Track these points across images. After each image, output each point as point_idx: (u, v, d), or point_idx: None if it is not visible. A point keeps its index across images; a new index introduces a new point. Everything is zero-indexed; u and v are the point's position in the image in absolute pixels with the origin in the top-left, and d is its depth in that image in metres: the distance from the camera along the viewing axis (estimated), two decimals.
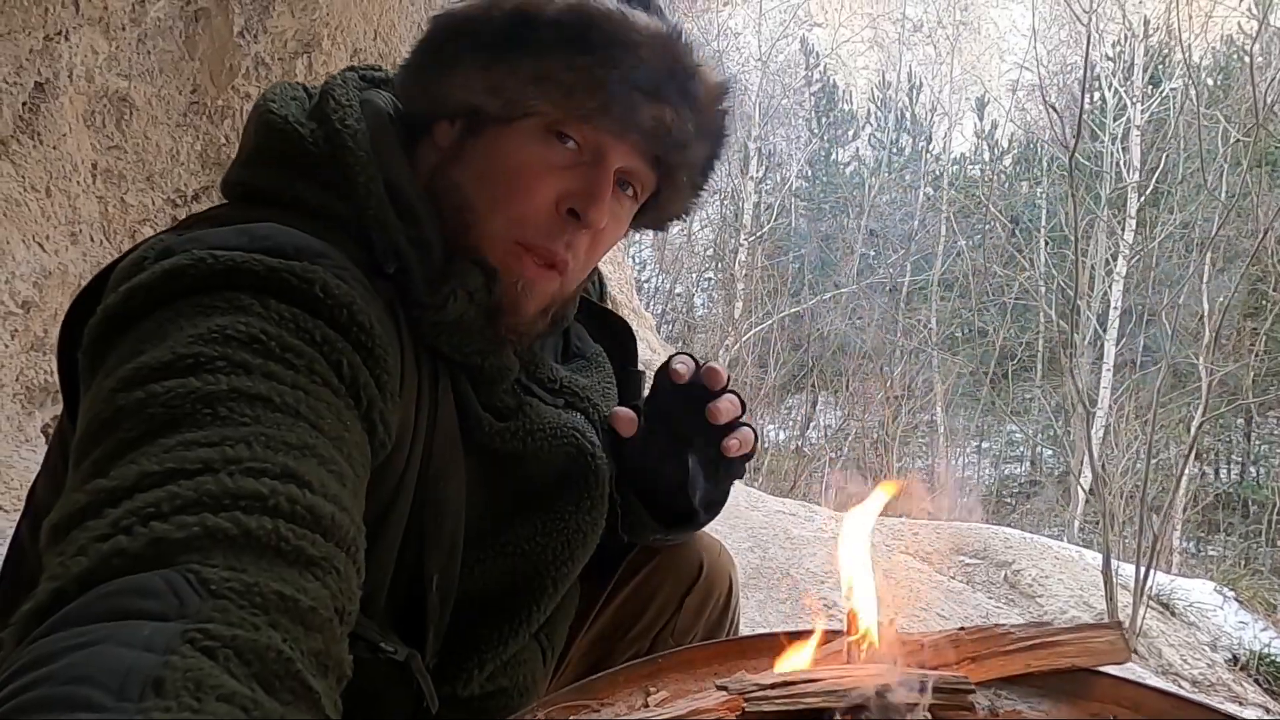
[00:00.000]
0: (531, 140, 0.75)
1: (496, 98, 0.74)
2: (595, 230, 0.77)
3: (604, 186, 0.75)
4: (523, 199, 0.74)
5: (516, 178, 0.74)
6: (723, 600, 1.12)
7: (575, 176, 0.75)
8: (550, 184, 0.75)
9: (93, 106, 2.22)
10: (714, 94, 0.80)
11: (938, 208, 16.36)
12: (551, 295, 0.79)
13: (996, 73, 18.50)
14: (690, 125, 0.77)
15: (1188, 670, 3.67)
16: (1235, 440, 14.12)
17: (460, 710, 0.83)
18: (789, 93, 17.56)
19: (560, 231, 0.76)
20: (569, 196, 0.75)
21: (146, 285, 0.59)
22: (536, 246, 0.76)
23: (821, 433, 14.47)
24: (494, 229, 0.75)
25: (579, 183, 0.75)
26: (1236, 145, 7.49)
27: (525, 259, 0.76)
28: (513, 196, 0.74)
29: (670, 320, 15.93)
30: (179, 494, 0.46)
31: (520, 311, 0.77)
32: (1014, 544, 4.52)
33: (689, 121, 0.77)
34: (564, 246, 0.76)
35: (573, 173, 0.75)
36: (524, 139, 0.75)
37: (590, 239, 0.78)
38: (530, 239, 0.75)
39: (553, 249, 0.76)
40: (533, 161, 0.74)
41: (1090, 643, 0.68)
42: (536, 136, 0.75)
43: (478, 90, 0.74)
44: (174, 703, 0.36)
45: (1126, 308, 12.35)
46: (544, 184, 0.74)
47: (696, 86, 0.77)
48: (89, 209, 2.26)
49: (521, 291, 0.76)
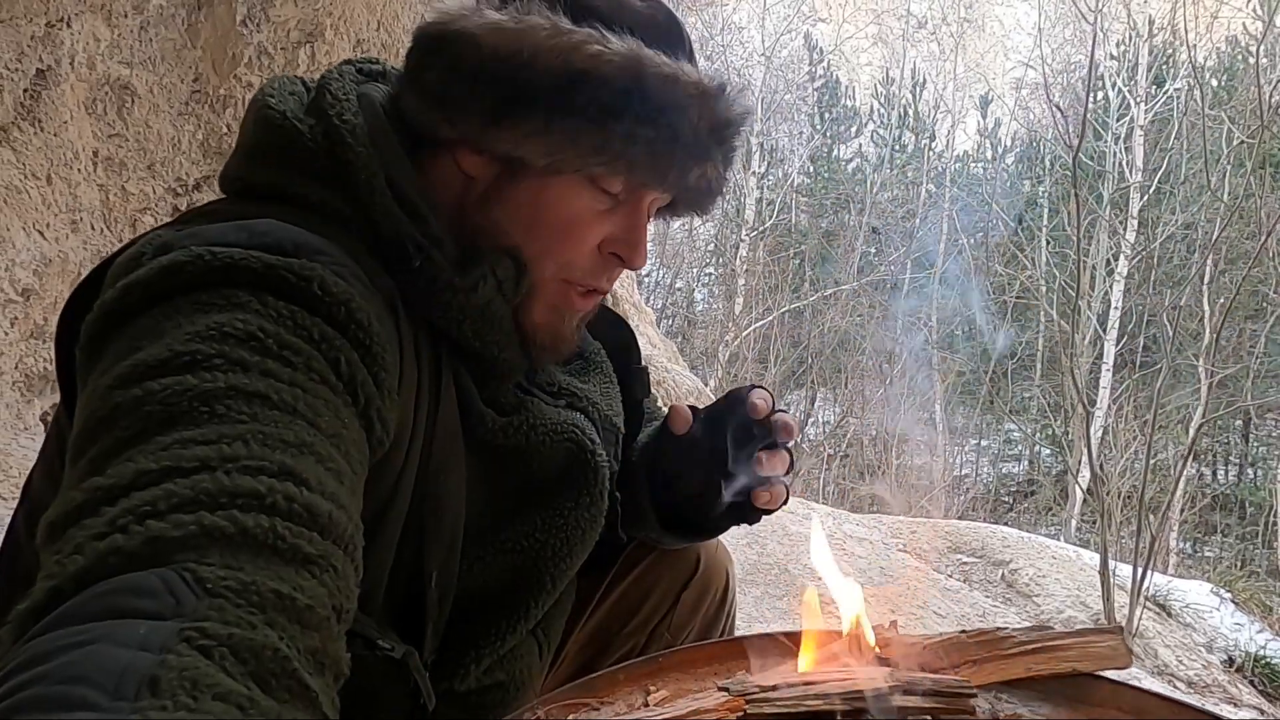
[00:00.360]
0: (578, 193, 0.76)
1: (550, 158, 0.74)
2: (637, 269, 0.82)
3: (643, 231, 0.80)
4: (572, 248, 0.78)
5: (567, 229, 0.77)
6: (719, 596, 1.12)
7: (615, 221, 0.78)
8: (594, 231, 0.78)
9: (94, 94, 2.21)
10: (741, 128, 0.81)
11: (939, 205, 16.34)
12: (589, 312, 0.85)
13: (1001, 71, 18.47)
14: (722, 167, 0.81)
15: (1183, 671, 3.67)
16: (1233, 442, 14.15)
17: (456, 704, 0.82)
18: (792, 88, 17.52)
19: (604, 270, 0.80)
20: (612, 242, 0.79)
21: (144, 281, 0.59)
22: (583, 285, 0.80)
23: (820, 429, 14.48)
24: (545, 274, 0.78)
25: (620, 228, 0.79)
26: (1240, 146, 7.48)
27: (571, 295, 0.80)
28: (562, 246, 0.77)
29: (670, 315, 15.93)
30: (176, 492, 0.46)
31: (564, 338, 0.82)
32: (1012, 543, 4.52)
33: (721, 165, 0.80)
34: (607, 280, 0.81)
35: (613, 216, 0.78)
36: (570, 192, 0.76)
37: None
38: (577, 279, 0.79)
39: (598, 284, 0.81)
40: (579, 213, 0.77)
41: (1091, 647, 0.68)
42: (582, 189, 0.76)
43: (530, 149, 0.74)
44: (169, 701, 0.35)
45: (1127, 308, 12.35)
46: (590, 232, 0.78)
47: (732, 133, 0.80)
48: (90, 197, 2.26)
49: (565, 322, 0.81)
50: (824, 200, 17.77)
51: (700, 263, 17.14)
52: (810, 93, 18.15)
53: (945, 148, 18.10)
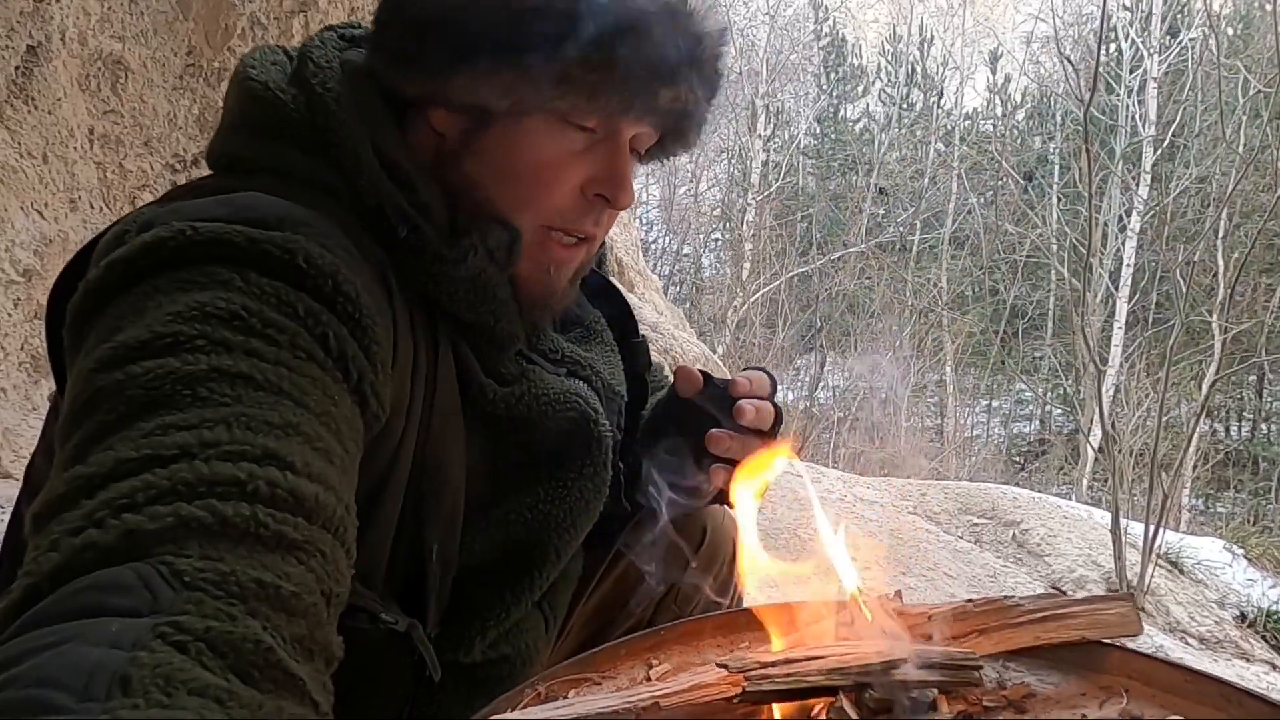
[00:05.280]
0: (549, 133, 0.73)
1: (509, 98, 0.71)
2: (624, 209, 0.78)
3: (626, 167, 0.75)
4: (550, 193, 0.74)
5: (541, 174, 0.74)
6: (726, 567, 1.12)
7: (595, 160, 0.75)
8: (573, 172, 0.74)
9: (87, 70, 2.18)
10: (714, 48, 0.78)
11: (949, 164, 16.13)
12: (580, 265, 0.81)
13: (1010, 25, 18.09)
14: (699, 91, 0.77)
15: (1195, 628, 3.68)
16: (1247, 397, 14.07)
17: (462, 677, 0.82)
18: (797, 48, 17.24)
19: (588, 212, 0.77)
20: (594, 182, 0.75)
21: (125, 259, 0.58)
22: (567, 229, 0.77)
23: (830, 393, 14.46)
24: (522, 223, 0.75)
25: (600, 167, 0.75)
26: (1256, 97, 7.32)
27: (551, 244, 0.77)
28: (539, 192, 0.74)
29: (678, 282, 15.88)
30: (154, 483, 0.45)
31: (555, 290, 0.79)
32: (1022, 503, 4.52)
33: (698, 89, 0.76)
34: (593, 224, 0.78)
35: (591, 155, 0.75)
36: (541, 133, 0.73)
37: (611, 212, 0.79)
38: (561, 224, 0.76)
39: (583, 229, 0.77)
40: (554, 155, 0.74)
41: (1101, 615, 0.66)
42: (553, 128, 0.73)
43: (488, 93, 0.71)
44: (141, 700, 0.35)
45: (1139, 265, 12.22)
46: (568, 174, 0.74)
47: (703, 52, 0.76)
48: (87, 175, 2.24)
49: (553, 274, 0.78)
50: (831, 162, 17.59)
51: (707, 228, 17.03)
52: (816, 52, 17.87)
53: (954, 105, 17.81)
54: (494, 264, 0.74)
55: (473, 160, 0.74)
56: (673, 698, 0.59)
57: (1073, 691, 0.65)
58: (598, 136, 0.74)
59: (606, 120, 0.74)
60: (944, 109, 17.51)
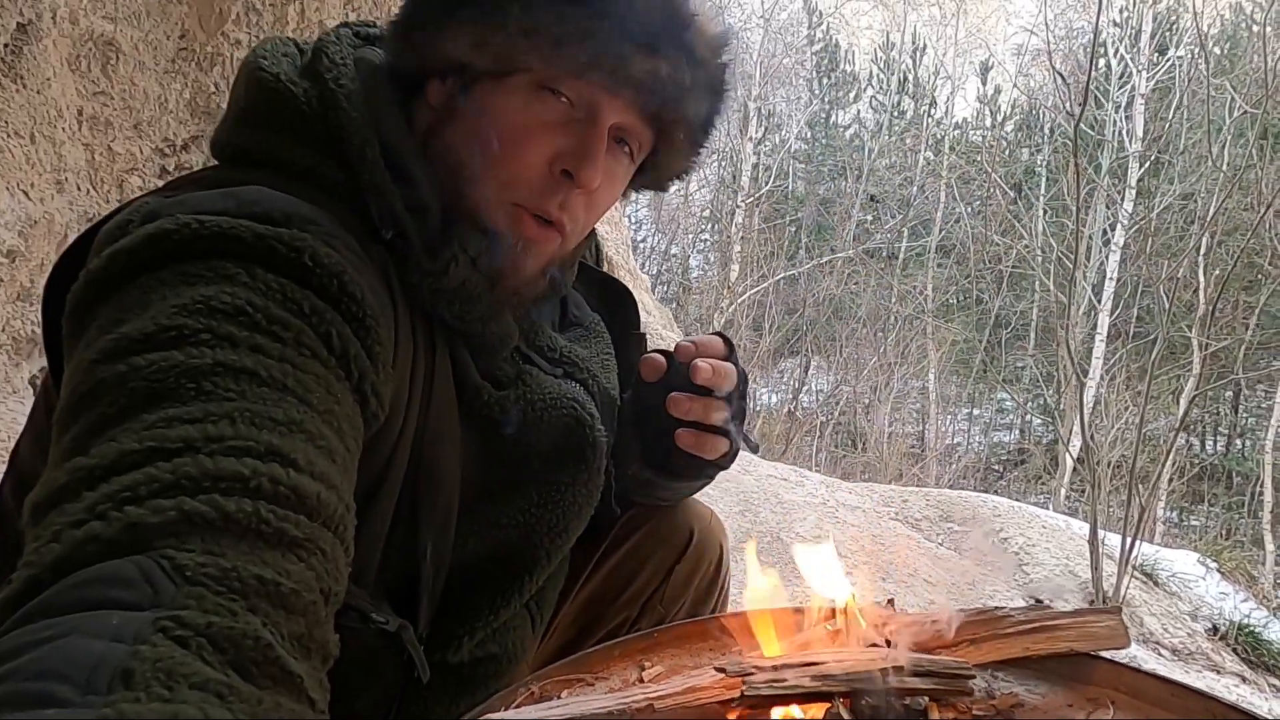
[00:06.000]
0: (523, 97, 0.72)
1: (485, 53, 0.71)
2: (589, 190, 0.74)
3: (597, 145, 0.72)
4: (515, 159, 0.72)
5: (509, 136, 0.71)
6: (713, 568, 1.12)
7: (569, 135, 0.72)
8: (543, 143, 0.72)
9: (77, 50, 2.15)
10: (713, 45, 0.77)
11: (938, 173, 16.24)
12: (551, 255, 0.77)
13: (1002, 36, 18.22)
14: (687, 78, 0.74)
15: (1168, 639, 3.73)
16: (1223, 413, 14.25)
17: (449, 676, 0.82)
18: (790, 51, 17.28)
19: (554, 191, 0.73)
20: (562, 156, 0.72)
21: (129, 249, 0.57)
22: (531, 207, 0.73)
23: (814, 397, 14.52)
24: (489, 192, 0.73)
25: (572, 141, 0.72)
26: (1242, 117, 7.41)
27: (524, 219, 0.74)
28: (505, 156, 0.72)
29: (665, 281, 15.89)
30: (157, 477, 0.45)
31: (520, 272, 0.75)
32: (1002, 512, 4.56)
33: (685, 75, 0.74)
34: (557, 207, 0.74)
35: (566, 130, 0.72)
36: (515, 95, 0.72)
37: (586, 199, 0.75)
38: (524, 200, 0.73)
39: (546, 209, 0.73)
40: (525, 119, 0.71)
41: (1089, 627, 0.67)
42: (528, 93, 0.72)
43: (466, 46, 0.71)
44: (143, 693, 0.34)
45: (1122, 279, 12.34)
46: (537, 143, 0.72)
47: (693, 37, 0.74)
48: (75, 156, 2.21)
49: (522, 251, 0.74)
50: (821, 167, 17.64)
51: (696, 229, 17.05)
52: (809, 57, 17.93)
53: (944, 115, 17.92)
54: (476, 270, 0.73)
55: (452, 127, 0.74)
56: (667, 700, 0.59)
57: (1060, 702, 0.66)
58: (578, 114, 0.72)
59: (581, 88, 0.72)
60: (934, 118, 17.62)
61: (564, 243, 0.77)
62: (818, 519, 3.99)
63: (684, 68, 0.73)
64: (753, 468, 4.48)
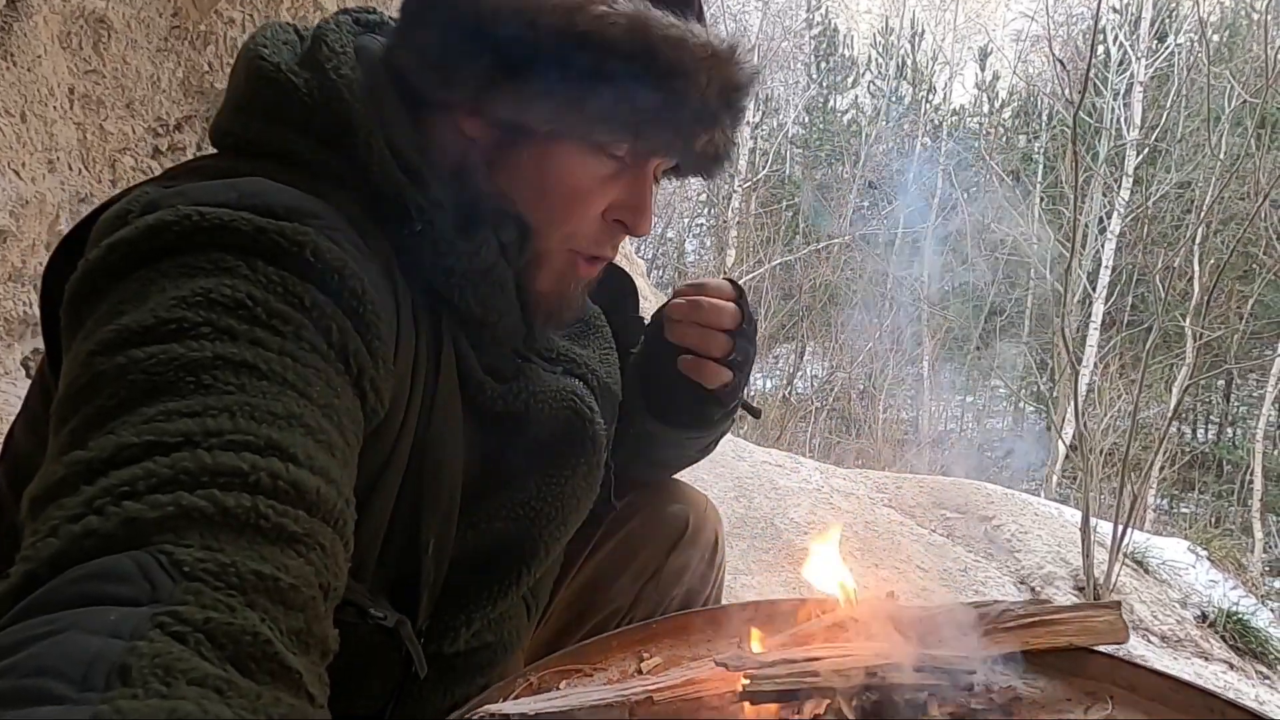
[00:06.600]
0: (581, 158, 0.73)
1: (551, 124, 0.71)
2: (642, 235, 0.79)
3: (650, 198, 0.77)
4: (577, 217, 0.76)
5: (571, 197, 0.74)
6: (708, 555, 1.12)
7: (620, 187, 0.76)
8: (600, 198, 0.75)
9: (68, 27, 2.12)
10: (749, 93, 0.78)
11: (935, 160, 16.20)
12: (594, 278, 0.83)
13: (1001, 22, 18.13)
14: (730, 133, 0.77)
15: (1158, 626, 3.76)
16: (1215, 401, 14.32)
17: (444, 665, 0.82)
18: (789, 36, 17.17)
19: (609, 237, 0.78)
20: (617, 209, 0.76)
21: (128, 240, 0.57)
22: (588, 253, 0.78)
23: (809, 383, 14.54)
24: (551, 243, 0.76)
25: (625, 194, 0.76)
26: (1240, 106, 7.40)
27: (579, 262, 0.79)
28: (568, 215, 0.75)
29: (661, 266, 15.85)
30: (155, 471, 0.44)
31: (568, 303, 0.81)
32: (995, 499, 4.58)
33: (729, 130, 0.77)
34: (611, 249, 0.80)
35: (617, 182, 0.75)
36: (574, 157, 0.73)
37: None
38: (583, 249, 0.78)
39: (604, 254, 0.79)
40: (584, 180, 0.74)
41: (1088, 622, 0.67)
42: (586, 154, 0.73)
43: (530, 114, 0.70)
44: (140, 689, 0.34)
45: (1116, 267, 12.35)
46: (595, 199, 0.75)
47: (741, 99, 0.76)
48: (66, 136, 2.19)
49: (573, 290, 0.80)
50: (818, 152, 17.58)
51: (692, 213, 16.99)
52: (807, 41, 17.81)
53: (942, 101, 17.85)
54: (504, 258, 0.74)
55: (505, 174, 0.74)
56: (666, 692, 0.59)
57: (1058, 696, 0.66)
58: (625, 164, 0.75)
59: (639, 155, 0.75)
60: (932, 104, 17.55)
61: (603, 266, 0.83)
62: (811, 505, 4.01)
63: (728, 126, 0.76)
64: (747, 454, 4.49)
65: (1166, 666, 3.36)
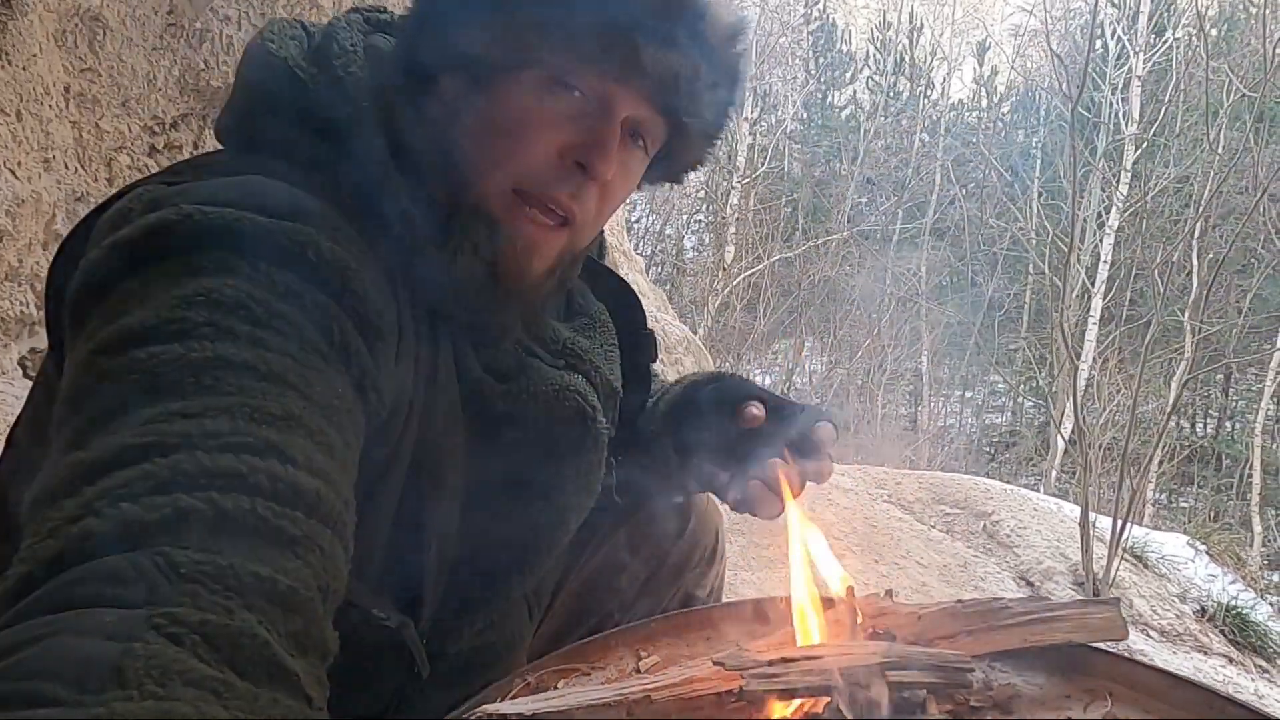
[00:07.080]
0: (535, 90, 0.70)
1: (497, 47, 0.70)
2: (603, 182, 0.72)
3: (611, 136, 0.71)
4: (523, 146, 0.70)
5: (517, 127, 0.70)
6: (709, 553, 1.12)
7: (581, 127, 0.71)
8: (553, 133, 0.71)
9: (63, 25, 2.11)
10: (726, 34, 0.75)
11: (933, 155, 16.18)
12: (559, 253, 0.76)
13: (999, 16, 18.11)
14: (700, 69, 0.73)
15: (1156, 621, 3.76)
16: (1213, 395, 14.34)
17: (447, 664, 0.82)
18: (787, 31, 17.13)
19: (565, 180, 0.72)
20: (574, 147, 0.71)
21: (130, 240, 0.57)
22: (535, 195, 0.72)
23: (807, 379, 14.54)
24: (493, 181, 0.71)
25: (585, 133, 0.71)
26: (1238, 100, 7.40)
27: (522, 215, 0.72)
28: (515, 146, 0.70)
29: (659, 262, 15.83)
30: (153, 473, 0.44)
31: (525, 274, 0.74)
32: (994, 495, 4.58)
33: (699, 65, 0.73)
34: (568, 196, 0.72)
35: (579, 123, 0.71)
36: (527, 89, 0.70)
37: (599, 191, 0.74)
38: (528, 187, 0.71)
39: (555, 196, 0.72)
40: (535, 110, 0.70)
41: (1088, 619, 0.67)
42: (540, 86, 0.70)
43: (478, 40, 0.70)
44: (136, 691, 0.34)
45: (1115, 262, 12.35)
46: (545, 132, 0.70)
47: (705, 27, 0.73)
48: (62, 134, 2.18)
49: (522, 251, 0.73)
50: (817, 148, 17.56)
51: (690, 209, 16.95)
52: (805, 36, 17.77)
53: (940, 96, 17.84)
54: (479, 259, 0.72)
55: (463, 120, 0.72)
56: (664, 691, 0.59)
57: (1057, 693, 0.66)
58: (590, 108, 0.71)
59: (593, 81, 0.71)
60: (930, 99, 17.53)
61: (572, 239, 0.76)
62: (811, 500, 4.00)
63: (697, 58, 0.72)
64: None
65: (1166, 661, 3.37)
